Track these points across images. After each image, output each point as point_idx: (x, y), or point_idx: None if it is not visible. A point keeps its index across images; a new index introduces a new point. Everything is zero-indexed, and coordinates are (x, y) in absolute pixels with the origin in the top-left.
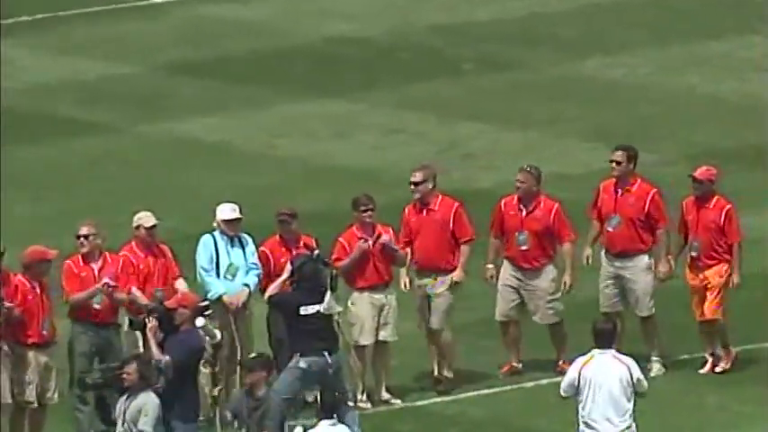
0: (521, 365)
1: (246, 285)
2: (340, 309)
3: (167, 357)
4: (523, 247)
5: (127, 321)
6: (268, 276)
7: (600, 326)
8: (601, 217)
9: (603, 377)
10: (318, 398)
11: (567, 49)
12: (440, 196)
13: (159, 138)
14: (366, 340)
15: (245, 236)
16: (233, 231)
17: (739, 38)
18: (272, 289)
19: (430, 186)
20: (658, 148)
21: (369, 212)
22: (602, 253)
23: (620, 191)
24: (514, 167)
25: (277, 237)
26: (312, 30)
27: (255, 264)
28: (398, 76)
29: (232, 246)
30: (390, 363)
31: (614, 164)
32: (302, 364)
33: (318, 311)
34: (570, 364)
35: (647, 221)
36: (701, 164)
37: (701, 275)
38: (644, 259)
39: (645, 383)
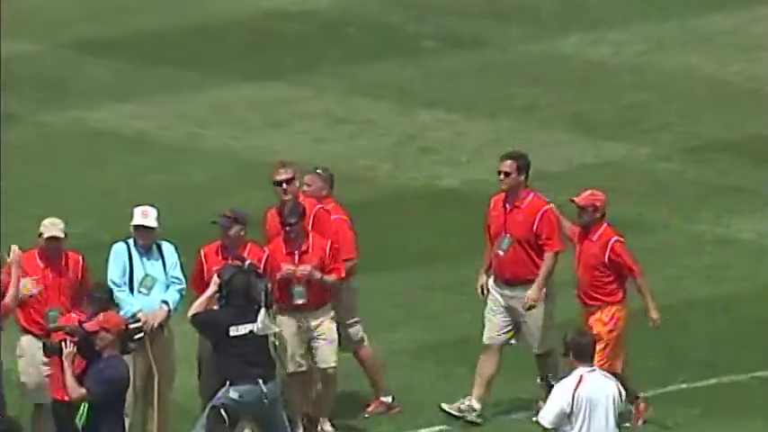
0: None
1: (165, 303)
2: (276, 329)
3: (83, 390)
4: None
5: (41, 345)
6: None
7: (579, 339)
8: (491, 237)
9: (598, 397)
10: None
11: (544, 24)
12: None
13: (66, 128)
14: (292, 367)
15: (167, 244)
16: (143, 240)
17: (745, 11)
18: (195, 306)
19: (298, 185)
20: (652, 140)
21: (293, 226)
22: (491, 280)
23: (508, 206)
24: (483, 162)
25: (217, 244)
26: (245, 2)
27: (178, 278)
28: (346, 56)
29: (149, 256)
30: (330, 391)
31: (502, 175)
32: (233, 395)
33: (251, 332)
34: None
35: (539, 243)
36: (701, 158)
37: (588, 320)
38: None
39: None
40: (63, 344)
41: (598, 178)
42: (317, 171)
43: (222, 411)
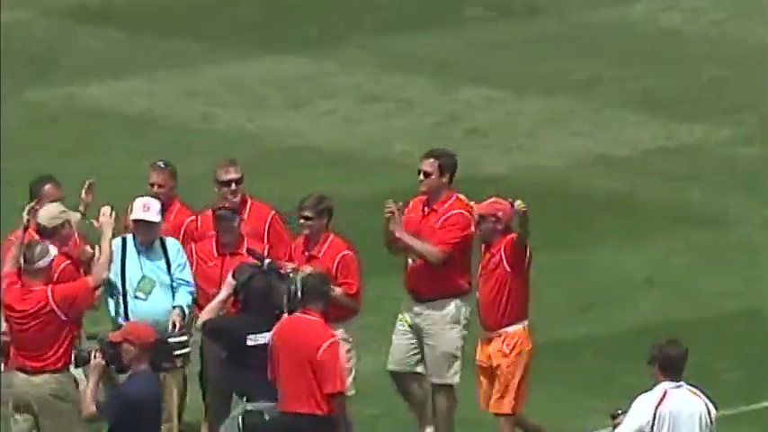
0: None
1: (179, 308)
2: None
3: (92, 408)
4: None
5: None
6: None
7: (669, 351)
8: None
9: (683, 416)
10: None
11: None
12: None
13: (57, 107)
14: None
15: (172, 241)
16: (143, 236)
17: None
18: (206, 312)
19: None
20: (733, 121)
21: (307, 221)
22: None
23: (426, 210)
24: (536, 146)
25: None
26: None
27: (187, 280)
28: (379, 25)
29: (149, 255)
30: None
31: (422, 175)
32: None
33: None
34: None
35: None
36: None
37: (486, 350)
38: (449, 306)
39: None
40: (93, 355)
41: (669, 164)
42: (162, 165)
43: (240, 425)
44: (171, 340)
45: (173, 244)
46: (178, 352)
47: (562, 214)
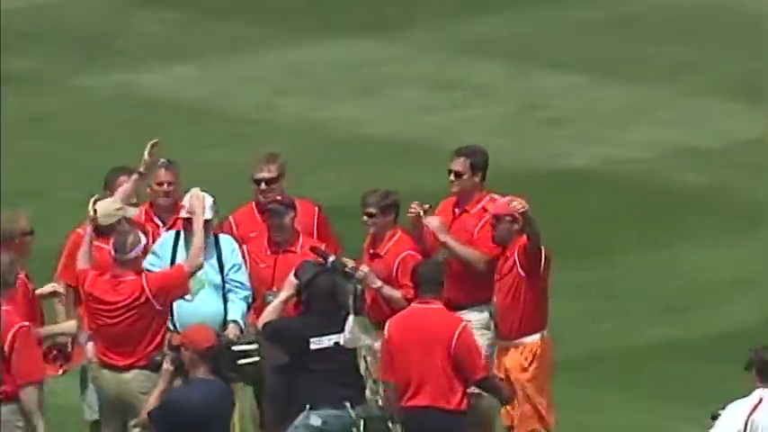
0: None
1: (234, 323)
2: (368, 341)
3: (145, 415)
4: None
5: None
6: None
7: (765, 356)
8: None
9: None
10: None
11: None
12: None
13: (108, 95)
14: None
15: (227, 239)
16: None
17: None
18: (267, 313)
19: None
20: None
21: (370, 218)
22: None
23: (457, 211)
24: (622, 136)
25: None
26: None
27: (242, 283)
28: (453, 7)
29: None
30: None
31: (453, 175)
32: (314, 421)
33: (337, 344)
34: None
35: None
36: None
37: (503, 361)
38: (479, 315)
39: None
40: (164, 360)
41: (764, 157)
42: (169, 162)
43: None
44: (235, 348)
45: (228, 243)
46: (243, 361)
47: (648, 210)
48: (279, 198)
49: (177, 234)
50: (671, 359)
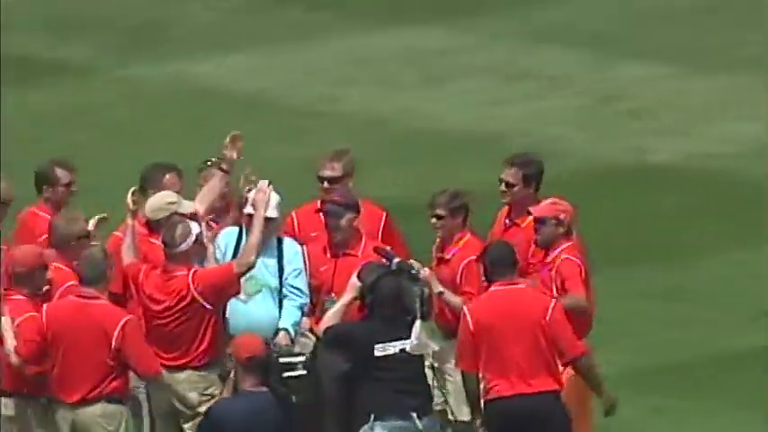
0: None
1: (284, 330)
2: (436, 347)
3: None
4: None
5: None
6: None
7: None
8: None
9: None
10: None
11: None
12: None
13: (160, 85)
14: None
15: (290, 242)
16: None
17: None
18: (328, 318)
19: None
20: None
21: (439, 220)
22: None
23: (508, 223)
24: (709, 130)
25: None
26: None
27: (300, 289)
28: None
29: (262, 253)
30: None
31: (504, 185)
32: None
33: (403, 351)
34: None
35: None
36: None
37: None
38: None
39: None
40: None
41: None
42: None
43: None
44: (281, 360)
45: (291, 246)
46: (288, 374)
47: (734, 208)
48: (336, 198)
49: (241, 229)
50: (759, 367)
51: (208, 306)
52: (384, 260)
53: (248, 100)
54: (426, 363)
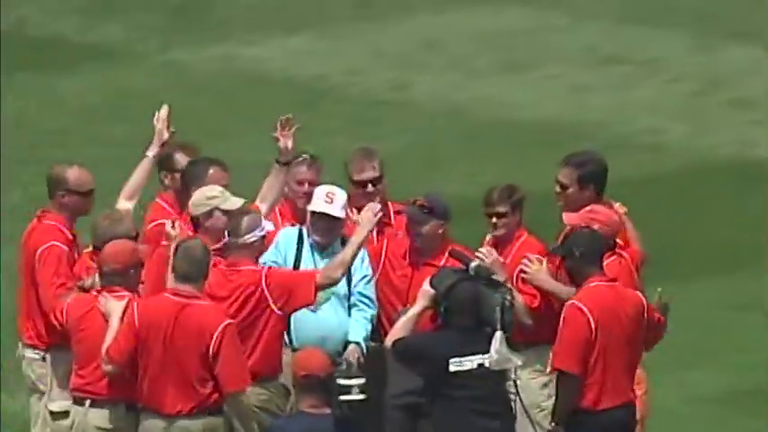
0: None
1: (357, 344)
2: (519, 361)
3: None
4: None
5: None
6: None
7: None
8: None
9: None
10: None
11: None
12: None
13: (210, 70)
14: None
15: None
16: (323, 235)
17: None
18: (397, 329)
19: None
20: None
21: (501, 218)
22: None
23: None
24: None
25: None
26: None
27: (369, 297)
28: None
29: (327, 256)
30: None
31: (558, 186)
32: None
33: (482, 366)
34: None
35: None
36: None
37: None
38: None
39: None
40: None
41: None
42: (314, 158)
43: None
44: (339, 381)
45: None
46: (344, 398)
47: None
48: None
49: (301, 232)
50: None
51: (276, 310)
52: (461, 265)
53: (307, 86)
54: (510, 378)
